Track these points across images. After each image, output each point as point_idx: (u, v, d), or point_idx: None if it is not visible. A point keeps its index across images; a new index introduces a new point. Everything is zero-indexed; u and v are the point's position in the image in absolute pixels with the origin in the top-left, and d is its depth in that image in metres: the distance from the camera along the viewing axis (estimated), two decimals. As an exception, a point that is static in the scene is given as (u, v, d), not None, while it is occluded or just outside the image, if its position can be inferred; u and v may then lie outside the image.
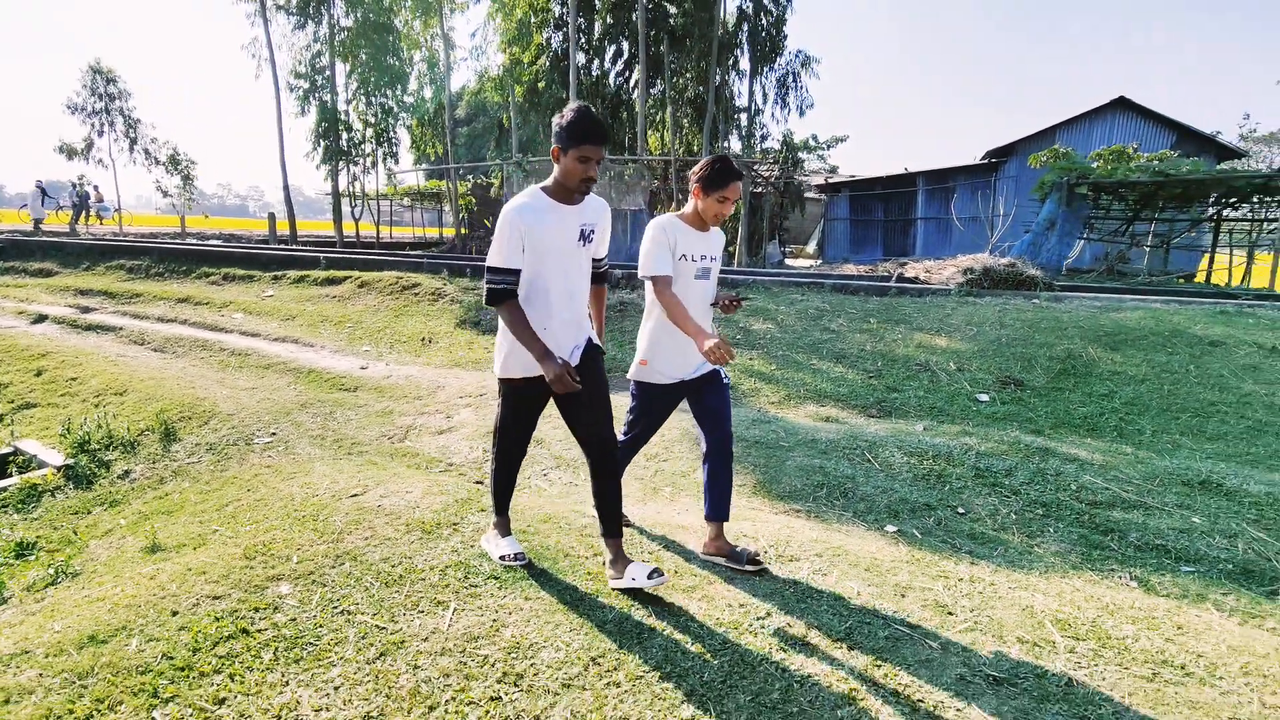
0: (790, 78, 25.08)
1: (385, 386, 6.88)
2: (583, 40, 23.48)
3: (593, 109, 2.69)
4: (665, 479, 4.67)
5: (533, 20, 22.40)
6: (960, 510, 4.19)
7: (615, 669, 2.29)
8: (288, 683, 2.21)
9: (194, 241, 21.77)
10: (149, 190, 27.59)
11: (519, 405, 2.93)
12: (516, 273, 2.70)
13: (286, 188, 24.61)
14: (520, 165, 17.94)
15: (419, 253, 20.04)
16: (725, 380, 3.20)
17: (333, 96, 24.15)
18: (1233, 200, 14.18)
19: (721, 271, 13.68)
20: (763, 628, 2.57)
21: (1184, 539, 3.89)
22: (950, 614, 2.79)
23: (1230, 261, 19.85)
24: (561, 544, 3.26)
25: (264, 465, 4.93)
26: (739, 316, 9.06)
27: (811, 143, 39.41)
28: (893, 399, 6.49)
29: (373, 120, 25.34)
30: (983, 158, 25.43)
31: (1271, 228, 15.03)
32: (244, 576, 2.90)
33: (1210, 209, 15.32)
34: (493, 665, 2.30)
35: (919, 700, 2.21)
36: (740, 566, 3.02)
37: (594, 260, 2.99)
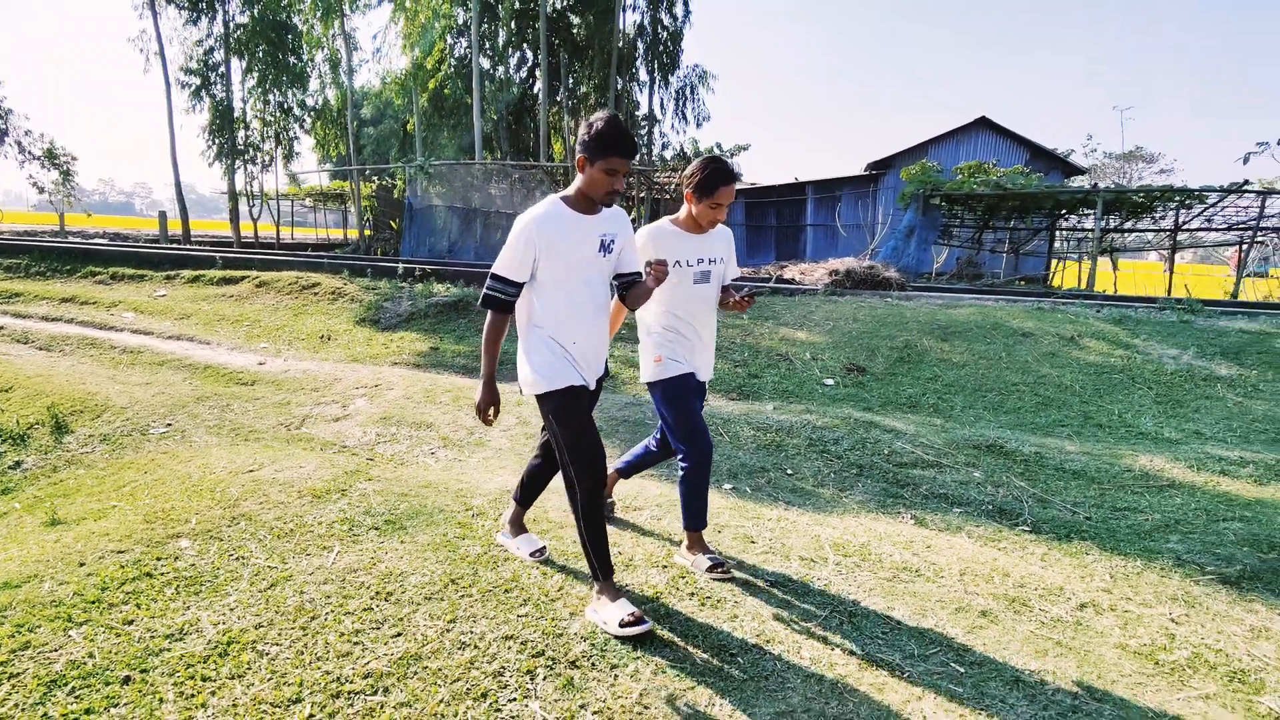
0: (688, 90, 26.10)
1: (283, 380, 7.08)
2: (487, 46, 23.68)
3: (620, 118, 2.60)
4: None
5: (436, 25, 22.44)
6: (789, 472, 4.89)
7: (470, 586, 2.79)
8: (189, 608, 2.59)
9: (78, 240, 20.65)
10: (22, 186, 25.91)
11: (575, 416, 2.61)
12: (518, 286, 2.58)
13: (179, 185, 23.66)
14: (422, 168, 18.02)
15: (321, 253, 19.75)
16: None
17: (228, 93, 23.42)
18: (1062, 211, 15.93)
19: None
20: (625, 561, 3.13)
21: (962, 489, 4.71)
22: (753, 542, 3.43)
23: (1080, 267, 22.09)
24: (438, 503, 3.72)
25: (160, 452, 5.13)
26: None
27: (715, 151, 40.84)
28: (752, 384, 7.24)
29: (271, 119, 24.69)
30: (865, 169, 27.14)
31: (1091, 236, 16.93)
32: (146, 535, 3.23)
33: (1046, 219, 17.11)
34: (368, 587, 2.75)
35: (708, 597, 2.81)
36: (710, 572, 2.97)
37: (621, 274, 2.78)
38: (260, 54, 23.01)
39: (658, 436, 3.29)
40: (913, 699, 2.27)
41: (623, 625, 2.43)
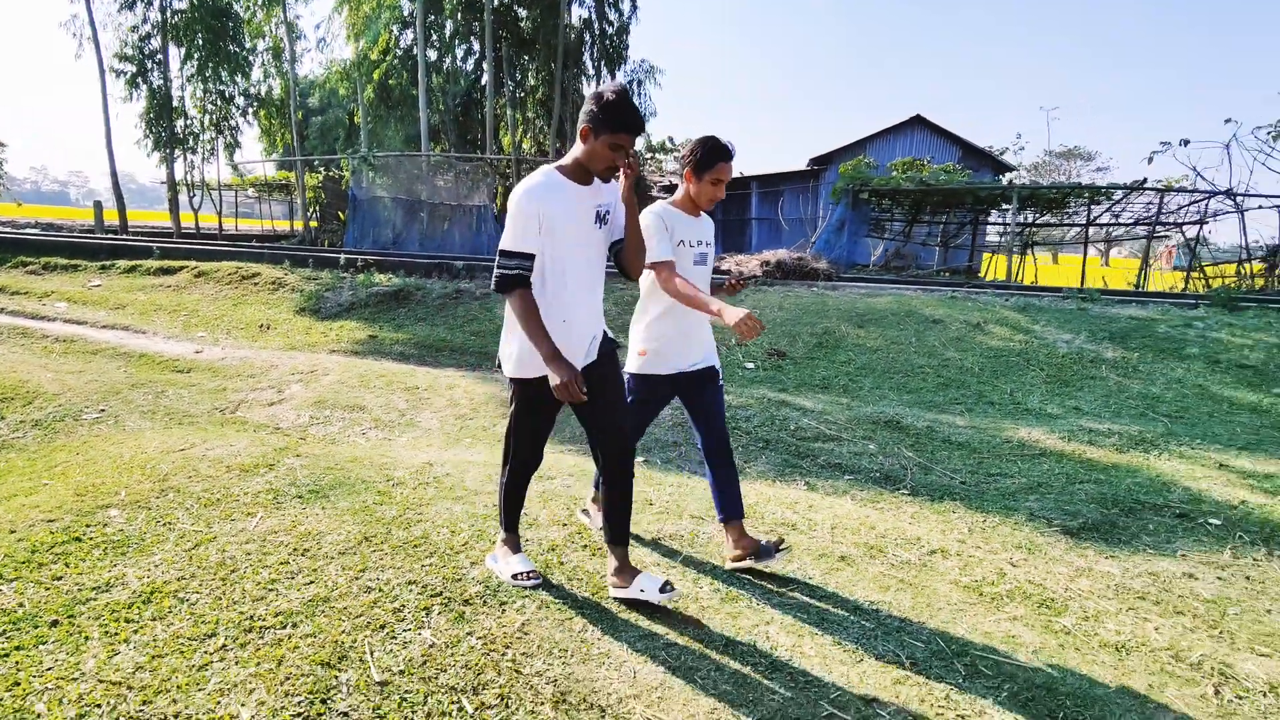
0: (635, 85, 26.34)
1: (219, 368, 7.18)
2: (434, 38, 23.57)
3: (629, 91, 2.50)
4: (469, 433, 5.44)
5: (381, 15, 22.26)
6: (686, 443, 5.25)
7: (383, 543, 3.05)
8: (116, 565, 2.80)
9: (8, 230, 19.98)
10: (-53, 174, 24.85)
11: (536, 407, 2.66)
12: (531, 257, 2.45)
13: (115, 174, 23.01)
14: (366, 159, 17.95)
15: (264, 244, 19.49)
16: (721, 381, 3.19)
17: (165, 81, 22.82)
18: (981, 207, 16.74)
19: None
20: (530, 520, 3.42)
21: (855, 459, 5.13)
22: (650, 504, 3.77)
23: (1010, 259, 23.10)
24: (361, 475, 3.95)
25: (93, 435, 5.24)
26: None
27: (668, 144, 40.93)
28: (678, 368, 7.60)
29: (212, 107, 24.15)
30: (807, 165, 27.81)
31: (1011, 230, 17.80)
32: (76, 506, 3.40)
33: (970, 214, 17.93)
34: (286, 545, 2.99)
35: (599, 548, 3.13)
36: (773, 558, 2.96)
37: (615, 241, 2.65)
38: (200, 41, 22.48)
39: (700, 438, 3.15)
40: (762, 624, 2.63)
41: (515, 578, 2.68)
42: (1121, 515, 4.34)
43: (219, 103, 24.04)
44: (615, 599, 2.68)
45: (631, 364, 3.07)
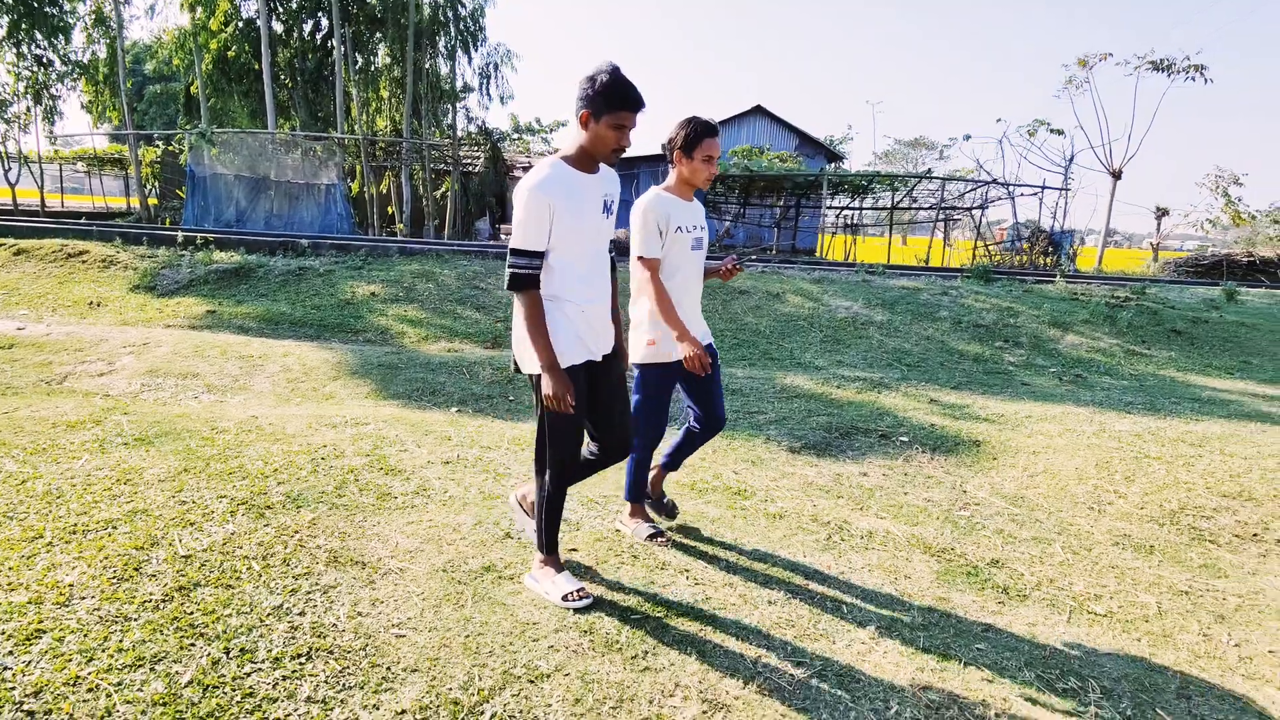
0: (492, 68, 26.33)
1: (44, 343, 7.08)
2: (279, 10, 22.52)
3: (622, 69, 2.37)
4: (300, 394, 5.86)
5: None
6: (511, 398, 5.95)
7: (201, 473, 3.53)
8: (-56, 499, 3.14)
9: None
10: None
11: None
12: (541, 255, 2.36)
13: (-90, 145, 20.50)
14: (205, 135, 17.11)
15: (96, 222, 18.16)
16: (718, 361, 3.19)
17: (-32, 43, 20.53)
18: (802, 192, 18.46)
19: (400, 241, 14.61)
20: (337, 453, 3.98)
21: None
22: (450, 439, 4.42)
23: (832, 239, 25.29)
24: (188, 426, 4.33)
25: (-93, 408, 5.21)
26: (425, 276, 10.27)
27: (535, 125, 40.74)
28: (508, 335, 8.20)
29: (28, 74, 21.95)
30: (661, 149, 28.84)
31: (835, 211, 19.76)
32: (-102, 459, 3.63)
33: (793, 198, 19.65)
34: (110, 478, 3.41)
35: (406, 472, 3.76)
36: (660, 514, 3.27)
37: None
38: (10, 1, 20.35)
39: (696, 412, 3.17)
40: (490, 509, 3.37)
41: (565, 599, 2.50)
42: (839, 437, 5.44)
43: (35, 68, 21.88)
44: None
45: (640, 355, 2.95)
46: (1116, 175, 24.59)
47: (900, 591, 3.01)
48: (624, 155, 2.53)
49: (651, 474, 3.22)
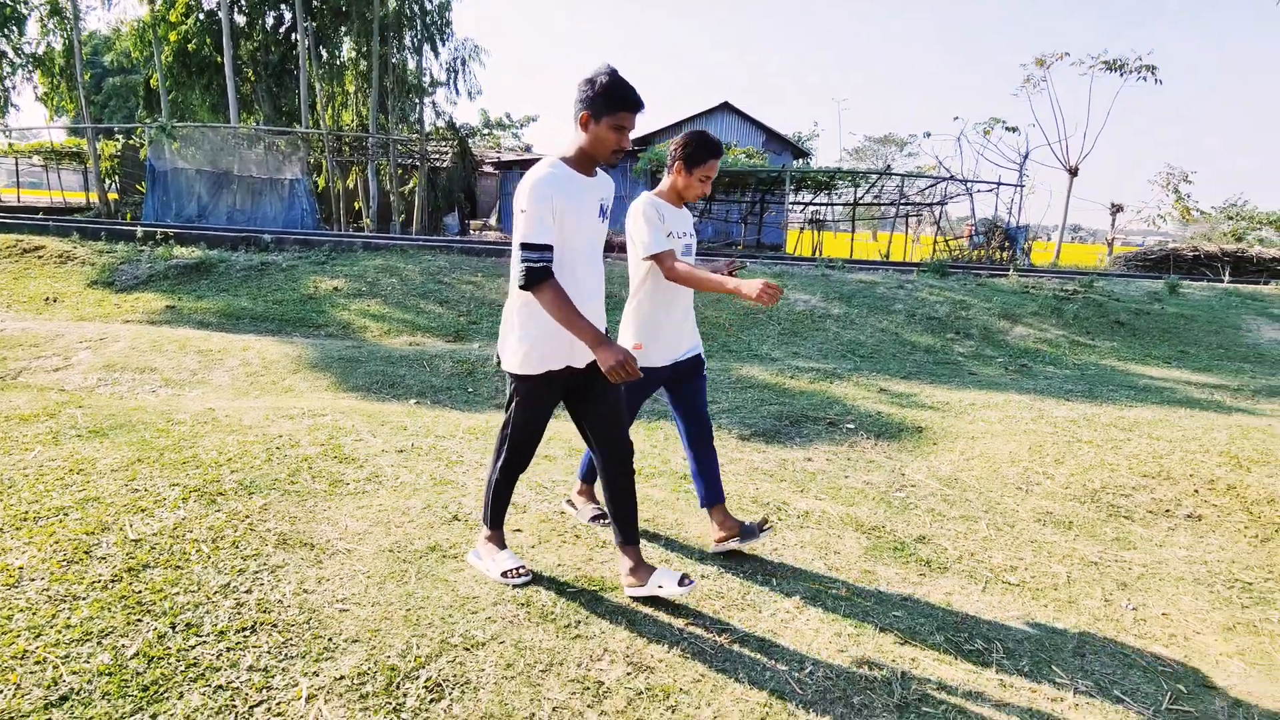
0: (460, 64, 26.18)
1: (-2, 339, 7.00)
2: (242, 1, 22.16)
3: (618, 70, 2.37)
4: (259, 387, 5.88)
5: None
6: (470, 390, 6.04)
7: (155, 463, 3.58)
8: (-107, 491, 3.16)
9: None
10: None
11: (537, 405, 2.57)
12: (550, 248, 2.32)
13: None
14: (165, 129, 16.81)
15: (52, 218, 17.76)
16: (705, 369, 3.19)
17: (-84, 32, 19.90)
18: (765, 188, 18.72)
19: (365, 236, 14.59)
20: (293, 443, 4.04)
21: (600, 394, 6.13)
22: (406, 429, 4.51)
23: (815, 234, 25.62)
24: (143, 419, 4.36)
25: None
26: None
27: (506, 121, 40.48)
28: (470, 329, 8.33)
29: (-22, 64, 21.35)
30: (632, 144, 28.99)
31: (800, 207, 20.08)
32: None
33: (758, 193, 19.91)
34: (63, 469, 3.44)
35: (359, 460, 3.85)
36: (756, 539, 3.05)
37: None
38: (-43, -11, 19.78)
39: (681, 425, 3.19)
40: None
41: (505, 575, 2.63)
42: (788, 425, 5.62)
43: (-13, 59, 21.30)
44: (632, 598, 2.64)
45: None
46: (1073, 172, 25.28)
47: (829, 566, 3.18)
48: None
49: (717, 521, 3.12)
